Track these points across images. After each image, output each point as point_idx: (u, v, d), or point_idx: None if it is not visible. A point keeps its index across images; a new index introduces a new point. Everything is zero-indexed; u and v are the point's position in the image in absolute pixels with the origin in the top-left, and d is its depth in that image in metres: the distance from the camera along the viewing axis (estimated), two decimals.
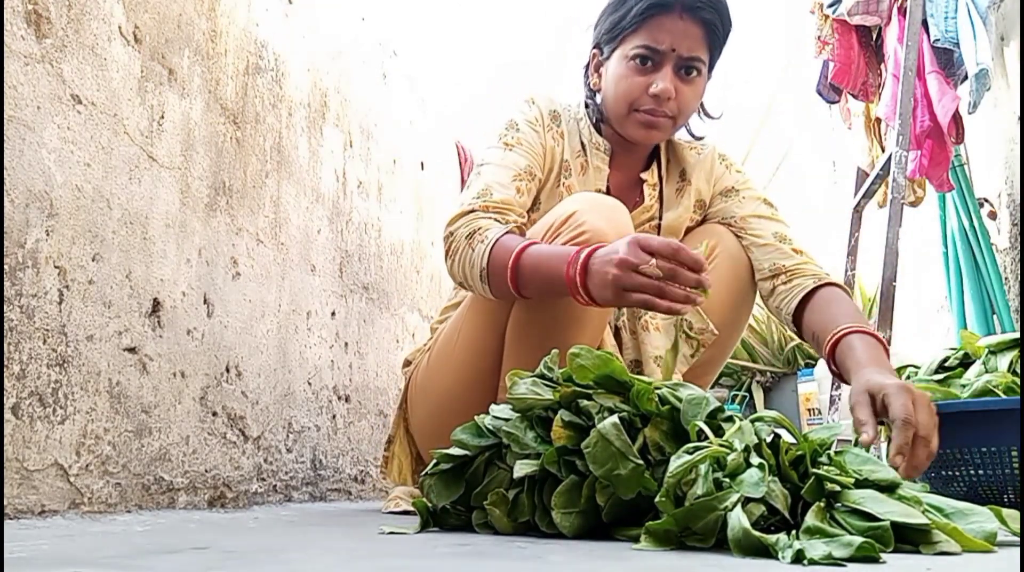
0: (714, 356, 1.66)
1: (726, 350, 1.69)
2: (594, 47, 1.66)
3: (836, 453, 0.99)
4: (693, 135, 1.76)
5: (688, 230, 1.71)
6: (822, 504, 0.89)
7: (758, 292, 1.64)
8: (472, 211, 1.48)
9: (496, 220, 1.46)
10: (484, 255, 1.40)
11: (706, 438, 0.96)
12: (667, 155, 1.74)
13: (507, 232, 1.42)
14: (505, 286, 1.38)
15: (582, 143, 1.66)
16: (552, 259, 1.32)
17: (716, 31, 1.56)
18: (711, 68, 1.63)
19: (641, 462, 0.95)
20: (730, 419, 1.01)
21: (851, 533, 0.85)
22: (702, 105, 1.71)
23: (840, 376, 1.39)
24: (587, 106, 1.69)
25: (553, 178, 1.63)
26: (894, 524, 0.87)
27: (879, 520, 0.87)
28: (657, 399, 1.02)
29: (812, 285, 1.53)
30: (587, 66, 1.69)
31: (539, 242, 1.39)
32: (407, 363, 1.76)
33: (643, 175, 1.69)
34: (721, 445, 0.93)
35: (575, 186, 1.63)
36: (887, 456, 1.10)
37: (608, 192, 1.64)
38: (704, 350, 1.61)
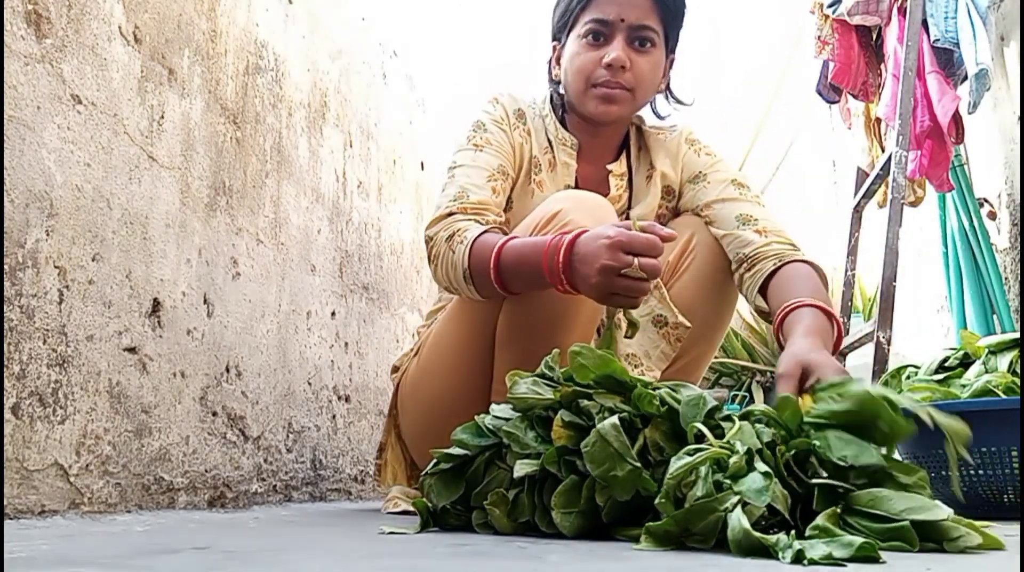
0: (699, 354, 1.63)
1: (712, 346, 1.66)
2: (553, 40, 1.68)
3: (817, 430, 0.97)
4: (659, 115, 1.73)
5: (660, 221, 1.67)
6: (838, 509, 0.89)
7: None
8: (450, 214, 1.48)
9: (476, 221, 1.46)
10: (464, 255, 1.39)
11: (705, 439, 0.96)
12: (638, 143, 1.71)
13: (486, 231, 1.42)
14: (490, 284, 1.37)
15: (548, 140, 1.65)
16: (533, 251, 1.31)
17: (665, 1, 1.56)
18: (669, 45, 1.62)
19: (639, 464, 0.95)
20: (728, 418, 1.01)
21: (869, 535, 0.85)
22: (671, 90, 1.69)
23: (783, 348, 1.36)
24: (551, 99, 1.69)
25: (523, 176, 1.62)
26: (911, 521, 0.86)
27: (895, 520, 0.86)
28: (657, 401, 1.02)
29: (772, 267, 1.48)
30: (550, 61, 1.70)
31: (519, 237, 1.38)
32: (395, 369, 1.75)
33: (609, 166, 1.67)
34: (722, 447, 0.93)
35: (545, 182, 1.62)
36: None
37: (577, 186, 1.64)
38: (682, 346, 1.57)
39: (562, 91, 1.66)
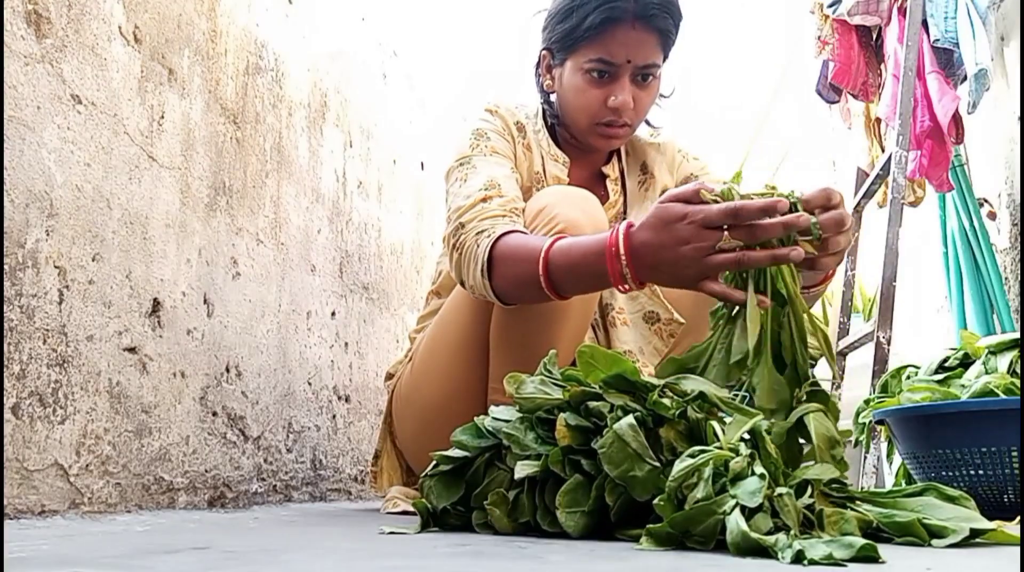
0: (689, 346, 1.63)
1: (701, 338, 1.66)
2: (544, 48, 1.62)
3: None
4: (649, 123, 1.72)
5: None
6: (871, 520, 0.90)
7: None
8: (485, 199, 1.42)
9: (512, 220, 1.41)
10: (486, 249, 1.34)
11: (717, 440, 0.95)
12: (626, 148, 1.73)
13: (514, 230, 1.36)
14: (521, 284, 1.31)
15: (540, 155, 1.63)
16: (591, 250, 1.21)
17: (670, 35, 1.54)
18: (665, 62, 1.61)
19: (658, 464, 0.94)
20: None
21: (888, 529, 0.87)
22: (661, 95, 1.68)
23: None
24: (542, 108, 1.66)
25: (525, 193, 1.57)
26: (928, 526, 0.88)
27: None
28: (674, 407, 1.01)
29: None
30: (538, 65, 1.65)
31: (565, 236, 1.30)
32: (389, 376, 1.74)
33: (604, 169, 1.67)
34: (729, 448, 0.92)
35: None
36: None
37: None
38: (672, 340, 1.59)
39: (554, 102, 1.64)
